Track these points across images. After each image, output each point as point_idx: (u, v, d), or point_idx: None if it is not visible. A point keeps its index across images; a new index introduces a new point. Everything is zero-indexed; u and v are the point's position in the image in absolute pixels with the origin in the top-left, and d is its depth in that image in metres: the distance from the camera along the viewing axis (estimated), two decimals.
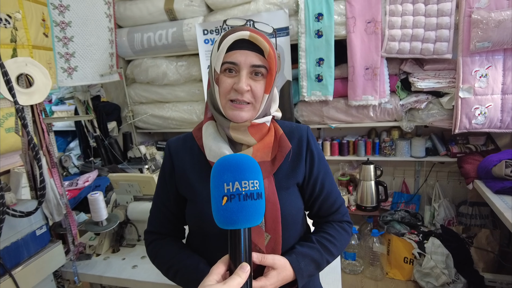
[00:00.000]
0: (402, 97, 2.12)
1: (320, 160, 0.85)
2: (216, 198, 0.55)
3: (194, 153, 0.82)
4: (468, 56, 1.91)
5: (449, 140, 2.24)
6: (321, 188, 0.85)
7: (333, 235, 0.84)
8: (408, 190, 2.49)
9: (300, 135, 0.83)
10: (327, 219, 0.88)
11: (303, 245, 0.79)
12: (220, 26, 2.24)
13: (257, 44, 0.70)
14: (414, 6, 1.97)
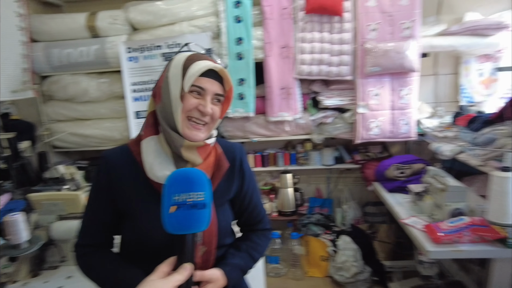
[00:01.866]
0: (312, 113, 2.42)
1: (250, 178, 0.98)
2: (166, 207, 0.64)
3: (132, 168, 0.84)
4: (364, 78, 2.28)
5: (353, 150, 2.60)
6: (249, 202, 0.97)
7: (258, 243, 0.98)
8: (321, 195, 2.79)
9: (234, 154, 0.93)
10: (253, 228, 1.01)
11: (234, 256, 0.90)
12: (144, 45, 2.29)
13: (222, 77, 0.82)
14: (321, 34, 2.28)
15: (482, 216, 1.46)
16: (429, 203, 1.69)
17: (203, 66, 0.79)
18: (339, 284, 2.31)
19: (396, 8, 2.20)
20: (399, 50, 2.15)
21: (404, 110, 2.28)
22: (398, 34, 2.22)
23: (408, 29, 2.21)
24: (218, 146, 0.90)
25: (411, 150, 2.59)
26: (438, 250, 1.41)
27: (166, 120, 0.81)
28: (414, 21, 2.21)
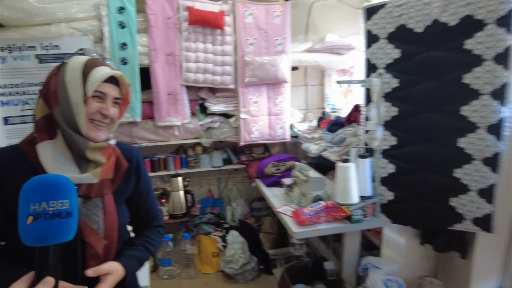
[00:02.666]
0: (200, 118, 2.56)
1: (146, 178, 1.05)
2: (22, 217, 0.60)
3: (26, 169, 0.82)
4: (244, 87, 2.53)
5: (240, 151, 2.84)
6: (145, 201, 1.04)
7: (152, 238, 1.05)
8: (213, 195, 2.95)
9: (131, 155, 1.00)
10: (147, 225, 1.08)
11: (129, 249, 0.97)
12: (14, 44, 2.10)
13: (119, 81, 0.89)
14: (204, 45, 2.44)
15: (334, 200, 1.81)
16: (297, 193, 1.99)
17: (105, 73, 0.85)
18: (230, 276, 2.48)
19: (270, 25, 2.52)
20: (273, 63, 2.46)
21: (279, 115, 2.61)
22: (272, 49, 2.54)
23: (280, 45, 2.55)
24: (116, 148, 0.96)
25: (288, 150, 2.96)
26: (302, 231, 1.69)
27: (67, 124, 0.83)
28: (285, 38, 2.55)
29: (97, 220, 0.87)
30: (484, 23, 1.48)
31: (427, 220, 1.77)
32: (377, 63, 1.77)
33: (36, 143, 0.84)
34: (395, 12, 1.69)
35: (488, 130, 1.53)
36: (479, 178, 1.58)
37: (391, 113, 1.75)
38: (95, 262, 0.85)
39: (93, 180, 0.85)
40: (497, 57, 1.47)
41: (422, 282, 2.06)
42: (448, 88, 1.59)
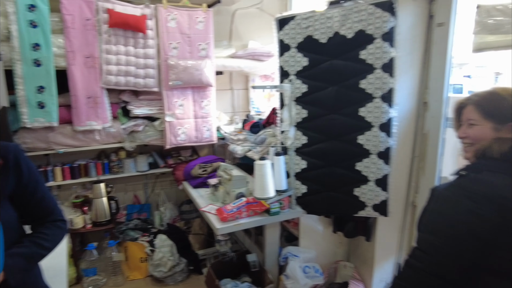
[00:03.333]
0: (123, 122, 2.52)
1: (30, 173, 1.01)
2: None
3: None
4: (169, 90, 2.55)
5: (167, 155, 2.84)
6: (32, 196, 1.01)
7: (46, 233, 1.02)
8: (139, 201, 2.90)
9: (6, 152, 0.96)
10: (43, 221, 1.04)
11: (13, 247, 0.93)
12: None
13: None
14: (126, 48, 2.41)
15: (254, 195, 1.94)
16: (222, 191, 2.08)
17: None
18: (159, 280, 2.47)
19: (193, 31, 2.58)
20: (197, 67, 2.53)
21: (205, 118, 2.68)
22: (196, 54, 2.61)
23: (204, 50, 2.62)
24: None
25: (216, 152, 3.04)
26: (224, 227, 1.78)
27: None
28: (208, 43, 2.64)
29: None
30: (374, 37, 1.74)
31: (336, 209, 1.99)
32: (289, 70, 1.94)
33: None
34: (303, 24, 1.88)
35: (380, 128, 1.78)
36: (376, 170, 1.84)
37: (302, 115, 1.93)
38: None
39: None
40: (384, 66, 1.73)
41: (337, 266, 2.29)
42: (348, 92, 1.82)
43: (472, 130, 1.04)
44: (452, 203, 0.94)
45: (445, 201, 0.97)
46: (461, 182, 0.97)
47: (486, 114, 1.01)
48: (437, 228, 0.96)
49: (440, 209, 0.97)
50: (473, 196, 0.90)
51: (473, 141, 1.04)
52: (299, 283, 1.86)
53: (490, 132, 1.00)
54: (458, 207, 0.92)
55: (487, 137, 1.00)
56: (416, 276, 0.96)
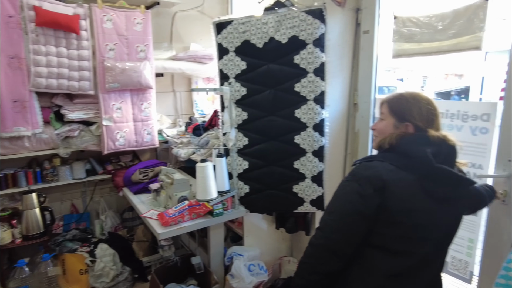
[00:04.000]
0: (56, 127, 2.37)
1: None
2: None
3: None
4: (106, 93, 2.45)
5: (106, 160, 2.72)
6: None
7: None
8: (77, 210, 2.75)
9: None
10: None
11: None
12: None
13: None
14: (57, 49, 2.28)
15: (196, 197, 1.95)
16: (164, 196, 2.06)
17: None
18: None
19: (131, 32, 2.52)
20: (136, 69, 2.47)
21: (146, 121, 2.62)
22: (135, 55, 2.54)
23: (143, 52, 2.57)
24: None
25: (159, 156, 2.99)
26: (166, 231, 1.77)
27: None
28: (147, 45, 2.59)
29: None
30: (306, 43, 1.84)
31: (277, 206, 2.07)
32: (228, 73, 1.99)
33: None
34: (240, 28, 1.94)
35: (314, 128, 1.90)
36: (311, 167, 1.95)
37: (242, 117, 1.99)
38: None
39: None
40: (316, 70, 1.85)
41: (281, 262, 2.38)
42: (284, 95, 1.91)
43: (379, 124, 1.22)
44: (344, 186, 1.12)
45: (341, 186, 1.13)
46: (354, 169, 1.13)
47: (391, 111, 1.18)
48: (331, 209, 1.11)
49: (336, 192, 1.13)
50: (359, 179, 1.07)
51: (378, 134, 1.22)
52: (244, 281, 1.91)
53: (391, 127, 1.17)
54: (347, 189, 1.09)
55: (388, 132, 1.17)
56: (315, 252, 1.10)
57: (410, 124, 1.14)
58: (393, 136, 1.14)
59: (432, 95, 7.99)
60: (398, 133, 1.14)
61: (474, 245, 1.70)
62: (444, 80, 10.45)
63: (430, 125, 1.14)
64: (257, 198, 2.04)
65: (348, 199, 1.07)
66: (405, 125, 1.14)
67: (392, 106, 1.19)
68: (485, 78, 8.06)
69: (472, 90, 8.30)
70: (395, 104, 1.18)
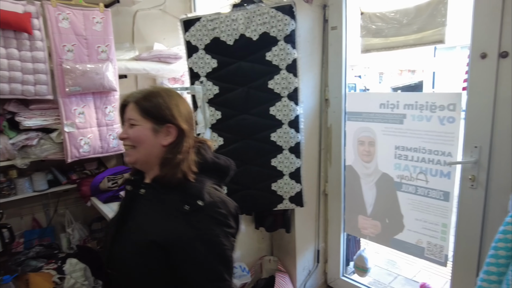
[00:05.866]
0: (11, 136, 2.18)
1: None
2: None
3: None
4: (66, 98, 2.29)
5: (68, 169, 2.55)
6: None
7: None
8: (40, 225, 2.55)
9: None
10: None
11: None
12: None
13: None
14: (7, 50, 2.09)
15: None
16: None
17: None
18: None
19: (90, 32, 2.37)
20: (97, 71, 2.33)
21: (111, 126, 2.48)
22: (96, 57, 2.39)
23: (104, 53, 2.43)
24: None
25: None
26: None
27: None
28: (109, 45, 2.45)
29: None
30: (277, 39, 1.83)
31: (256, 205, 2.05)
32: (199, 72, 1.93)
33: None
34: (209, 25, 1.88)
35: (289, 125, 1.90)
36: (289, 164, 1.95)
37: (216, 116, 1.94)
38: None
39: None
40: (288, 67, 1.85)
41: (262, 262, 2.37)
42: (257, 92, 1.89)
43: (132, 130, 0.99)
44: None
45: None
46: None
47: (145, 113, 0.98)
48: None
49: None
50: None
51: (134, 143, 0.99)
52: None
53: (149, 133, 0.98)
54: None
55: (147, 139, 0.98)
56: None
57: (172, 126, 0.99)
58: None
59: (388, 89, 8.43)
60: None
61: (448, 230, 1.79)
62: (399, 76, 11.04)
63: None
64: (235, 198, 1.97)
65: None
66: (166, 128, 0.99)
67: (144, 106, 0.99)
68: (436, 72, 8.62)
69: (425, 84, 8.85)
70: (147, 104, 0.99)
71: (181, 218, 0.92)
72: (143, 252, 0.92)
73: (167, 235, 0.91)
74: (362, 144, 2.11)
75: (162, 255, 0.91)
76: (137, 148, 0.98)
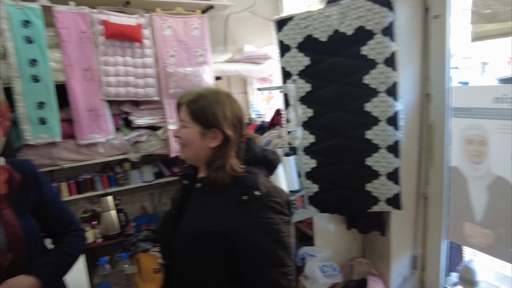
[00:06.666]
0: (126, 133, 2.50)
1: (48, 187, 1.06)
2: None
3: None
4: (169, 98, 2.54)
5: (171, 163, 2.82)
6: (53, 208, 1.06)
7: (70, 241, 1.07)
8: (147, 212, 2.88)
9: (23, 168, 1.00)
10: (65, 231, 1.09)
11: (45, 256, 0.98)
12: None
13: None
14: (124, 58, 2.39)
15: None
16: None
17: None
18: None
19: (189, 38, 2.58)
20: (196, 74, 2.52)
21: None
22: (194, 60, 2.60)
23: (201, 56, 2.62)
24: (6, 165, 0.97)
25: None
26: None
27: None
28: (205, 49, 2.64)
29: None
30: (374, 33, 1.75)
31: (349, 206, 2.00)
32: (291, 70, 1.95)
33: None
34: (301, 23, 1.89)
35: (387, 122, 1.80)
36: (386, 164, 1.85)
37: (307, 114, 1.94)
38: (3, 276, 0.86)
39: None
40: (386, 60, 1.75)
41: (353, 264, 2.30)
42: (351, 89, 1.83)
43: (183, 131, 1.05)
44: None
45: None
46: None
47: (194, 117, 1.01)
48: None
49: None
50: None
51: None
52: (318, 282, 1.86)
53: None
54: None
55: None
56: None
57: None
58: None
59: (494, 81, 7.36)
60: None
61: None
62: (508, 64, 9.59)
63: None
64: (327, 197, 1.98)
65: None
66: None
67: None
68: None
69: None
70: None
71: (239, 209, 0.94)
72: (204, 242, 0.96)
73: (227, 226, 0.94)
74: (470, 144, 1.89)
75: (222, 244, 0.94)
76: (188, 147, 1.04)
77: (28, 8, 2.11)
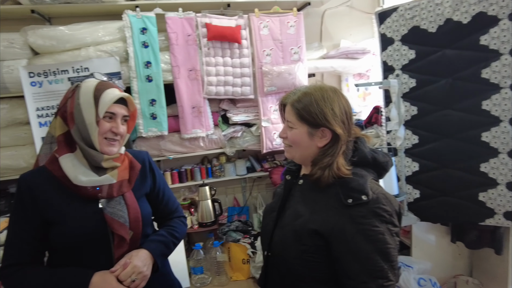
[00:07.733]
0: (223, 129, 2.65)
1: (160, 176, 1.20)
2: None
3: (52, 182, 0.98)
4: (264, 97, 2.61)
5: (262, 159, 2.90)
6: (163, 195, 1.19)
7: (175, 226, 1.19)
8: (238, 203, 3.02)
9: (142, 158, 1.15)
10: (170, 216, 1.22)
11: (153, 235, 1.12)
12: (49, 69, 2.27)
13: (126, 100, 1.02)
14: (223, 59, 2.55)
15: None
16: None
17: (114, 96, 0.98)
18: None
19: (285, 36, 2.60)
20: (290, 71, 2.53)
21: None
22: (289, 58, 2.62)
23: (296, 54, 2.62)
24: (127, 153, 1.11)
25: None
26: None
27: (83, 141, 0.97)
28: (300, 47, 2.63)
29: (122, 215, 1.00)
30: (498, 19, 1.51)
31: (456, 216, 1.77)
32: (393, 65, 1.81)
33: (58, 158, 0.98)
34: (407, 14, 1.74)
35: (511, 123, 1.54)
36: (506, 171, 1.59)
37: (411, 112, 1.78)
38: (123, 250, 0.99)
39: (112, 180, 0.99)
40: None
41: (456, 281, 2.05)
42: (465, 84, 1.62)
43: (290, 133, 1.02)
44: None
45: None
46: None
47: (300, 117, 0.98)
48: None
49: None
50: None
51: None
52: None
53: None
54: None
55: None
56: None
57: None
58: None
59: None
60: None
61: None
62: None
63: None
64: (430, 205, 1.79)
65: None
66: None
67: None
68: None
69: None
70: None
71: (342, 211, 0.90)
72: (304, 238, 0.93)
73: (329, 226, 0.90)
74: None
75: (322, 244, 0.91)
76: (294, 148, 1.01)
77: (145, 17, 2.39)
